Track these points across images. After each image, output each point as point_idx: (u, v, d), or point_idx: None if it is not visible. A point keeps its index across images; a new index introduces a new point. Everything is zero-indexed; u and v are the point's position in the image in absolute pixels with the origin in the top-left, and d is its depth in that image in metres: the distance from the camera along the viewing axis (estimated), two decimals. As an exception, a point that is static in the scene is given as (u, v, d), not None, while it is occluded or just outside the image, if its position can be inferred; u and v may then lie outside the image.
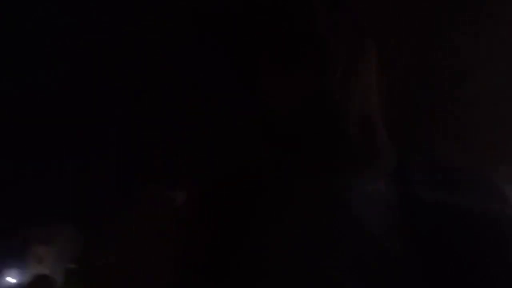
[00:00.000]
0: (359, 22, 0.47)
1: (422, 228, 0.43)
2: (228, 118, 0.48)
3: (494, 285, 0.41)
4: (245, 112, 0.47)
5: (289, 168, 0.48)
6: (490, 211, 0.44)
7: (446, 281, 0.42)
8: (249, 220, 0.48)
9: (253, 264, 0.46)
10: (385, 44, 0.50)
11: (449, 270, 0.42)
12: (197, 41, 0.47)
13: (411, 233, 0.43)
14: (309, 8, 0.44)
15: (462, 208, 0.44)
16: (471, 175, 0.47)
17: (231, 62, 0.45)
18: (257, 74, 0.44)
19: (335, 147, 0.47)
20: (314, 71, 0.44)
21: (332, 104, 0.45)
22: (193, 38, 0.48)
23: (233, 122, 0.48)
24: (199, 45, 0.48)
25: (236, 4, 0.45)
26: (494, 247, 0.42)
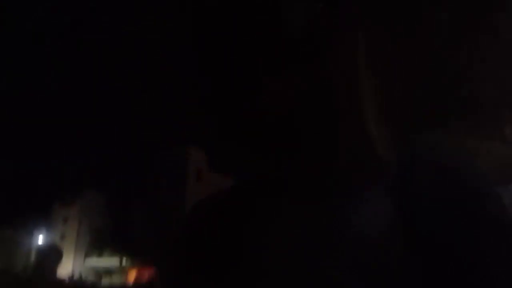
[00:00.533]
0: (357, 22, 0.47)
1: (423, 236, 0.43)
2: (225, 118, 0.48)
3: None
4: (245, 113, 0.46)
5: (288, 174, 0.48)
6: (493, 220, 0.43)
7: None
8: (248, 231, 0.48)
9: (251, 275, 0.46)
10: (384, 45, 0.50)
11: (451, 279, 0.42)
12: (196, 41, 0.47)
13: (412, 242, 0.43)
14: (307, 9, 0.44)
15: (464, 216, 0.44)
16: (473, 182, 0.46)
17: (230, 62, 0.45)
18: (257, 74, 0.44)
19: (332, 153, 0.47)
20: (311, 73, 0.44)
21: (329, 108, 0.45)
22: (191, 38, 0.48)
23: (231, 123, 0.48)
24: (198, 45, 0.48)
25: (235, 4, 0.45)
26: (497, 256, 0.42)
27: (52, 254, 3.23)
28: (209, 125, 0.48)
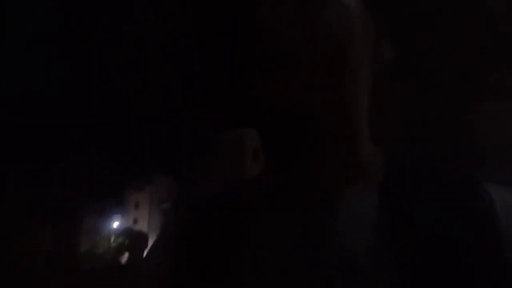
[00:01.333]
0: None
1: (412, 246, 0.43)
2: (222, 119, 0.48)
3: None
4: (241, 114, 0.46)
5: (285, 174, 0.47)
6: (484, 229, 0.43)
7: None
8: (236, 244, 0.48)
9: (250, 276, 0.46)
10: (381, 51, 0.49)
11: (446, 278, 0.41)
12: (193, 42, 0.47)
13: (401, 252, 0.43)
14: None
15: (454, 226, 0.43)
16: (464, 187, 0.46)
17: (226, 63, 0.45)
18: (252, 75, 0.44)
19: (316, 163, 0.46)
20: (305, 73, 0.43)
21: (312, 113, 0.44)
22: (189, 39, 0.48)
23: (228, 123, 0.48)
24: (195, 46, 0.48)
25: (232, 6, 0.45)
26: (491, 264, 0.42)
27: (140, 240, 3.44)
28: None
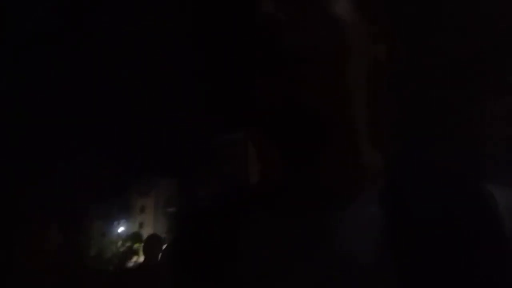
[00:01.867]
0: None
1: (413, 247, 0.43)
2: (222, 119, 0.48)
3: None
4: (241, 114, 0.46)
5: (284, 177, 0.47)
6: (488, 231, 0.43)
7: None
8: (236, 244, 0.48)
9: (247, 277, 0.46)
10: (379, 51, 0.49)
11: (449, 280, 0.41)
12: (193, 42, 0.47)
13: (402, 253, 0.43)
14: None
15: (457, 227, 0.43)
16: (467, 189, 0.46)
17: (226, 62, 0.45)
18: (252, 75, 0.44)
19: (316, 163, 0.46)
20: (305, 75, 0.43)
21: (311, 116, 0.44)
22: (189, 39, 0.48)
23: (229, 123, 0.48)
24: (195, 46, 0.48)
25: (232, 6, 0.45)
26: (493, 266, 0.42)
27: (156, 242, 3.51)
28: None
